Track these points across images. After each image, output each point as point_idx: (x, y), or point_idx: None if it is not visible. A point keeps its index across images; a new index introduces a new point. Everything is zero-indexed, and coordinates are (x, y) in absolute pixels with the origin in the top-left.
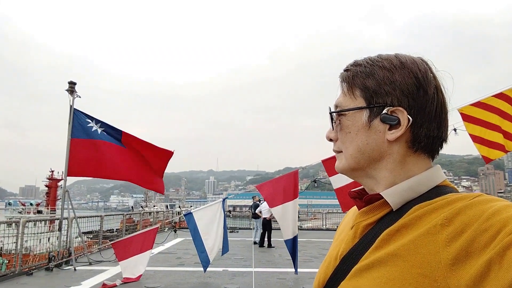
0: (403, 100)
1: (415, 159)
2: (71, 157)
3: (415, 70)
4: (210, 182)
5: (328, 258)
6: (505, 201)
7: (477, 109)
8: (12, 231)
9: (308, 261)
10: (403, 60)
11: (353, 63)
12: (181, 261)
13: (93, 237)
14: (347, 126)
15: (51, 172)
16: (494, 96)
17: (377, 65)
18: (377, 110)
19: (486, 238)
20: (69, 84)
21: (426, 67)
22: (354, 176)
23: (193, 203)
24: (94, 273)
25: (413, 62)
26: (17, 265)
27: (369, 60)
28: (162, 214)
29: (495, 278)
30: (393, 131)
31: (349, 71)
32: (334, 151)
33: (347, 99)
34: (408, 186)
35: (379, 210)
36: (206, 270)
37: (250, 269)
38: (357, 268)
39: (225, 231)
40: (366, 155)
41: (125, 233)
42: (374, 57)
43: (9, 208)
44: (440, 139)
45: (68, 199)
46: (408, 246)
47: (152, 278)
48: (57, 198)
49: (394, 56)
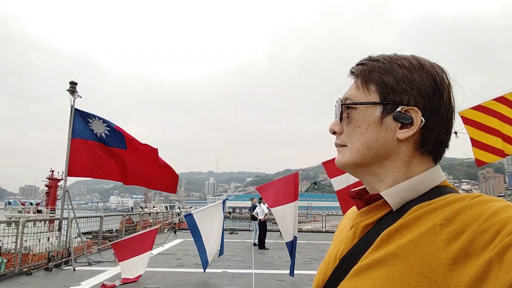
0: (419, 100)
1: (420, 161)
2: (72, 157)
3: (433, 73)
4: (210, 183)
5: (327, 258)
6: (504, 202)
7: (478, 112)
8: (12, 230)
9: (307, 263)
10: (422, 62)
11: (369, 58)
12: (180, 262)
13: (93, 238)
14: (357, 120)
15: (51, 172)
16: (494, 100)
17: (395, 62)
18: (391, 107)
19: (486, 239)
20: (70, 84)
21: (442, 72)
22: (356, 172)
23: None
24: (93, 273)
25: (431, 65)
26: (16, 264)
27: (386, 57)
28: (162, 215)
29: (495, 278)
30: (404, 130)
31: (365, 65)
32: (337, 145)
33: (360, 93)
34: (408, 186)
35: (379, 210)
36: (205, 270)
37: (250, 270)
38: (356, 268)
39: (222, 234)
40: (373, 151)
41: (124, 234)
42: (391, 55)
43: (9, 207)
44: (446, 145)
45: (68, 199)
46: (407, 246)
47: (151, 279)
48: (57, 198)
49: (412, 57)
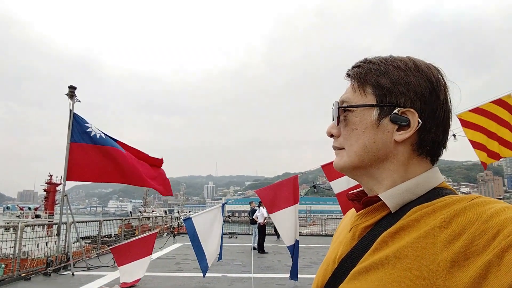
0: (415, 102)
1: (418, 162)
2: (70, 161)
3: (429, 74)
4: (209, 187)
5: (326, 261)
6: (503, 203)
7: (476, 115)
8: (10, 235)
9: (307, 267)
10: (417, 63)
11: (364, 61)
12: (179, 267)
13: (91, 242)
14: (354, 123)
15: (49, 176)
16: (492, 102)
17: (391, 64)
18: (388, 109)
19: (484, 240)
20: (69, 89)
21: (438, 73)
22: (354, 175)
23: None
24: (92, 278)
25: (427, 66)
26: (15, 269)
27: (382, 59)
28: (161, 219)
29: (494, 280)
30: (401, 132)
31: (361, 68)
32: (334, 148)
33: (356, 96)
34: (406, 188)
35: (377, 212)
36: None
37: (249, 275)
38: (355, 271)
39: (221, 238)
40: (371, 153)
41: (123, 239)
42: (386, 57)
43: (7, 212)
44: (443, 145)
45: (67, 203)
46: (406, 249)
47: (150, 283)
48: (56, 202)
49: (407, 58)
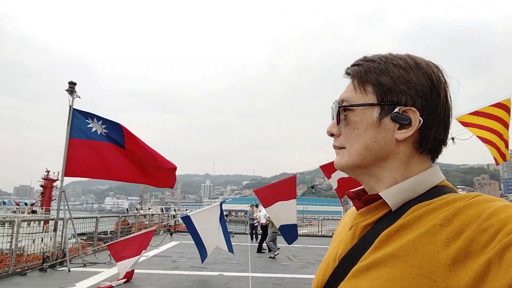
0: (416, 100)
1: (419, 160)
2: (69, 157)
3: (430, 72)
4: (206, 186)
5: (326, 259)
6: (504, 201)
7: (477, 117)
8: (6, 230)
9: (304, 267)
10: (417, 61)
11: (364, 59)
12: (176, 265)
13: (87, 239)
14: (354, 122)
15: (46, 172)
16: (491, 106)
17: (391, 62)
18: (389, 108)
19: (485, 238)
20: (69, 84)
21: (438, 71)
22: (355, 174)
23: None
24: (88, 274)
25: (427, 64)
26: (11, 265)
27: (382, 57)
28: (158, 217)
29: (495, 278)
30: (403, 131)
31: (361, 66)
32: (335, 147)
33: (357, 94)
34: (407, 186)
35: (378, 210)
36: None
37: (246, 274)
38: (356, 269)
39: (226, 231)
40: (372, 152)
41: (120, 236)
42: (386, 55)
43: (3, 207)
44: (444, 143)
45: (65, 199)
46: (407, 247)
47: (146, 281)
48: (52, 198)
49: (407, 56)
